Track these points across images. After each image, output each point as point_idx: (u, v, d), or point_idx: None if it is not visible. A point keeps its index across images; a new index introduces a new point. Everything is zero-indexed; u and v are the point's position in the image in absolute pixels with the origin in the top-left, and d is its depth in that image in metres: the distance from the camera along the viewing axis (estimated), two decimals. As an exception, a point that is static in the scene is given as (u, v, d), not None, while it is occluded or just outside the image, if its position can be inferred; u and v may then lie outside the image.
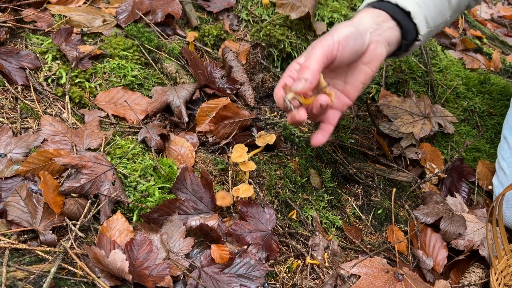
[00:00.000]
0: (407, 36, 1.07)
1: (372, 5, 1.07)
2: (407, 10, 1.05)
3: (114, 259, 0.84)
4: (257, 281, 0.96)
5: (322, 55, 0.91)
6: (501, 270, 1.20)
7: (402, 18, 1.05)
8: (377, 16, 1.04)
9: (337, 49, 0.93)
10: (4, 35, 1.25)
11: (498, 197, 1.09)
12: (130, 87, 1.28)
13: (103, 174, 0.99)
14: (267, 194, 1.17)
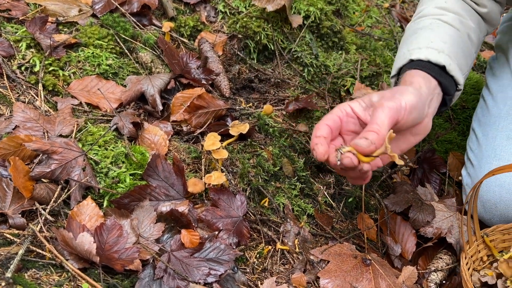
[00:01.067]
0: (449, 91, 1.07)
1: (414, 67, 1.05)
2: (442, 64, 1.05)
3: (82, 241, 0.85)
4: (226, 265, 0.98)
5: (390, 121, 0.87)
6: (471, 255, 1.23)
7: (440, 75, 1.05)
8: (429, 83, 1.03)
9: (403, 116, 0.90)
10: (-23, 22, 1.25)
11: (476, 185, 1.12)
12: (104, 76, 1.28)
13: (74, 160, 1.00)
14: (239, 182, 1.19)
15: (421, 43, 1.11)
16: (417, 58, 1.07)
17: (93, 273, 0.86)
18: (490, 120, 1.38)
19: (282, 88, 1.53)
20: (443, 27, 1.15)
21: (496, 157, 1.29)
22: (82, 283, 0.83)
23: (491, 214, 1.29)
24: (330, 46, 1.68)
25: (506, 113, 1.34)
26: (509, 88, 1.38)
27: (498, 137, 1.32)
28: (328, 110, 1.54)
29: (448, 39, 1.12)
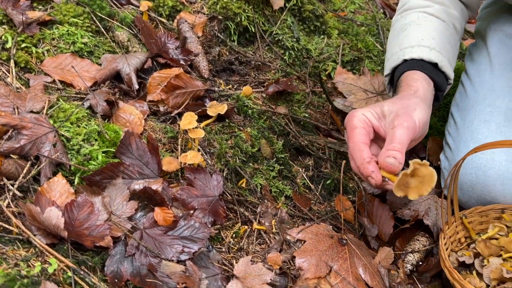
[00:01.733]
0: (442, 87, 1.14)
1: (410, 67, 1.11)
2: (434, 62, 1.10)
3: (49, 216, 0.83)
4: (201, 243, 0.97)
5: (408, 140, 0.97)
6: (450, 235, 1.24)
7: (433, 73, 1.11)
8: (428, 85, 1.09)
9: (416, 134, 1.00)
10: None
11: (458, 163, 1.11)
12: (79, 54, 1.25)
13: (44, 135, 0.97)
14: (216, 162, 1.18)
15: (412, 41, 1.14)
16: (411, 57, 1.11)
17: (61, 248, 0.84)
18: (468, 104, 1.38)
19: (262, 71, 1.51)
20: (430, 21, 1.18)
21: (473, 139, 1.30)
22: (50, 258, 0.81)
23: (468, 196, 1.30)
24: (312, 30, 1.67)
25: (483, 97, 1.35)
26: (487, 72, 1.39)
27: (475, 120, 1.32)
28: (308, 94, 1.53)
29: (436, 34, 1.15)
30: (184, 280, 0.90)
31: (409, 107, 1.00)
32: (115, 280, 0.86)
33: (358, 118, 1.01)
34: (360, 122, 1.00)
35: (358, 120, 1.01)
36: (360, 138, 0.99)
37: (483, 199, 1.27)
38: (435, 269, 1.26)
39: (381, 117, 1.02)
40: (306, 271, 1.05)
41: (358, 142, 0.98)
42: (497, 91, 1.34)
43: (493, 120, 1.29)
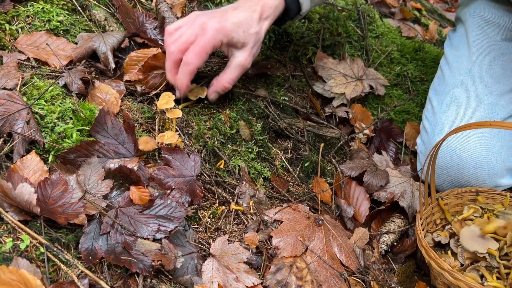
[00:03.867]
0: (289, 13, 1.23)
1: None
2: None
3: (21, 192, 0.82)
4: (177, 221, 0.96)
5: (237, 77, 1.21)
6: (426, 217, 1.26)
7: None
8: (280, 6, 1.20)
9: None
10: None
11: (438, 144, 1.12)
12: (54, 32, 1.23)
13: (17, 112, 0.96)
14: (194, 143, 1.17)
15: None
16: None
17: (34, 225, 0.83)
18: (445, 89, 1.40)
19: (242, 53, 1.50)
20: None
21: (449, 124, 1.32)
22: (22, 235, 0.80)
23: (442, 179, 1.32)
24: (292, 14, 1.66)
25: (460, 82, 1.37)
26: (465, 58, 1.41)
27: (452, 105, 1.34)
28: (288, 78, 1.53)
29: None
30: (159, 257, 0.89)
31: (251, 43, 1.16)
32: (89, 258, 0.85)
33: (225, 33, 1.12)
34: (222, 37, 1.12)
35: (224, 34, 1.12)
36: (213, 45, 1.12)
37: (456, 182, 1.30)
38: (410, 249, 1.29)
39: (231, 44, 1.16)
40: (282, 250, 1.06)
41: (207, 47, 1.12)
42: (473, 77, 1.36)
43: (469, 105, 1.32)
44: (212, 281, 0.95)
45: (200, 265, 0.97)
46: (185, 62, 1.12)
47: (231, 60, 1.19)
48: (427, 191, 1.22)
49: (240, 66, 1.18)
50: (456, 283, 1.02)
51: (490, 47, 1.38)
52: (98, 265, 0.86)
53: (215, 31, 1.11)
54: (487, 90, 1.32)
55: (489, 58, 1.36)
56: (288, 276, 1.02)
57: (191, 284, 0.93)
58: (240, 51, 1.17)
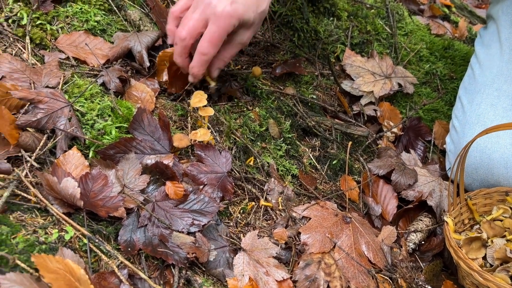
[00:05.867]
0: None
1: None
2: None
3: (66, 186, 0.87)
4: (209, 216, 1.00)
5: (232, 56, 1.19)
6: (454, 217, 1.26)
7: None
8: None
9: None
10: (-37, -27, 1.23)
11: (468, 144, 1.12)
12: (92, 32, 1.27)
13: (60, 110, 1.01)
14: (225, 141, 1.21)
15: None
16: None
17: (77, 217, 0.88)
18: (476, 87, 1.39)
19: (271, 52, 1.53)
20: None
21: (480, 123, 1.31)
22: (66, 227, 0.85)
23: (471, 178, 1.32)
24: (321, 12, 1.68)
25: (491, 80, 1.36)
26: (496, 56, 1.40)
27: (483, 104, 1.34)
28: (317, 76, 1.55)
29: None
30: (194, 250, 0.93)
31: (256, 24, 1.14)
32: (128, 249, 0.90)
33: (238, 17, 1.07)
34: (235, 22, 1.07)
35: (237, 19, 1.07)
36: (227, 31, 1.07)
37: (486, 181, 1.29)
38: (437, 248, 1.29)
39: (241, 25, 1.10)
40: (310, 246, 1.09)
41: (222, 35, 1.07)
42: (505, 75, 1.35)
43: (500, 104, 1.31)
44: (243, 274, 0.98)
45: (232, 258, 1.00)
46: (202, 52, 1.08)
47: (234, 37, 1.13)
48: (455, 191, 1.22)
49: (242, 44, 1.15)
50: (485, 283, 1.03)
51: (523, 46, 1.36)
52: (136, 256, 0.90)
53: (228, 16, 1.04)
54: (519, 89, 1.31)
55: (522, 57, 1.35)
56: (316, 272, 1.04)
57: (223, 277, 0.97)
58: (246, 30, 1.12)
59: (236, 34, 1.13)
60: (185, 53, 1.13)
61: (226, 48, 1.15)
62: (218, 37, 1.07)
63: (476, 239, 1.15)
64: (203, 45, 1.08)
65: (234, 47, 1.16)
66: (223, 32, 1.07)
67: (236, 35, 1.13)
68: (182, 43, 1.11)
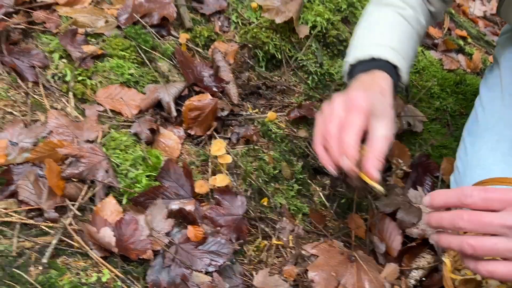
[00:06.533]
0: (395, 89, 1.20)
1: (378, 66, 1.17)
2: (396, 66, 1.20)
3: (103, 235, 1.03)
4: (225, 257, 1.14)
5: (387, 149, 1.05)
6: (454, 255, 1.36)
7: (394, 77, 1.19)
8: (389, 87, 1.14)
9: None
10: (17, 35, 1.42)
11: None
12: (126, 84, 1.44)
13: (99, 163, 1.17)
14: (242, 183, 1.35)
15: (384, 40, 1.24)
16: (378, 56, 1.19)
17: (112, 260, 1.04)
18: (478, 130, 1.48)
19: (287, 94, 1.66)
20: (403, 25, 1.30)
21: (480, 166, 1.40)
22: (103, 269, 1.01)
23: (472, 218, 1.40)
24: (335, 54, 1.79)
25: (492, 125, 1.44)
26: (498, 101, 1.47)
27: (483, 147, 1.42)
28: (329, 116, 1.66)
29: (405, 40, 1.27)
30: (210, 289, 1.07)
31: (389, 115, 1.08)
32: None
33: (370, 103, 1.02)
34: (367, 105, 1.02)
35: (370, 104, 1.02)
36: (367, 113, 1.01)
37: (485, 222, 1.37)
38: (438, 284, 1.38)
39: (372, 113, 1.05)
40: (317, 284, 1.21)
41: (366, 113, 1.01)
42: (505, 120, 1.42)
43: (500, 149, 1.39)
44: (255, 310, 1.11)
45: (245, 295, 1.14)
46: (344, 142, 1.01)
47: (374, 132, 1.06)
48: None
49: (386, 138, 1.07)
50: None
51: (524, 92, 1.44)
52: (161, 293, 1.05)
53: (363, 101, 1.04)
54: (518, 134, 1.38)
55: (522, 103, 1.42)
56: (321, 308, 1.16)
57: (237, 312, 1.11)
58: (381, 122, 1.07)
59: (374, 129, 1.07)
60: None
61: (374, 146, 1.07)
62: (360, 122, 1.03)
63: (471, 281, 1.24)
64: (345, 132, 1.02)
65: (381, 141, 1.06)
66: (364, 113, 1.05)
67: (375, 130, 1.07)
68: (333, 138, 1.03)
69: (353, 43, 1.32)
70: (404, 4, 1.34)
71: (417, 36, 1.36)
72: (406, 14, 1.32)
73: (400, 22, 1.31)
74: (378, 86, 1.15)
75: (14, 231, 1.01)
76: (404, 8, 1.33)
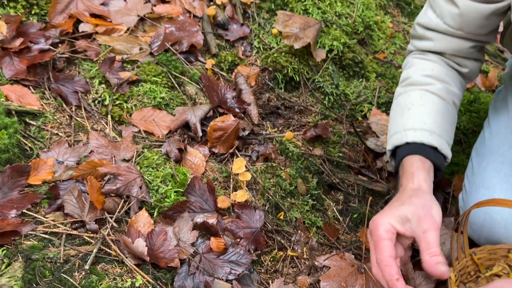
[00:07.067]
0: (440, 168, 1.27)
1: (412, 151, 1.24)
2: (434, 146, 1.24)
3: (137, 245, 1.17)
4: (244, 266, 1.27)
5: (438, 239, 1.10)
6: (459, 269, 1.44)
7: (433, 156, 1.23)
8: (429, 172, 1.21)
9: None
10: (62, 63, 1.60)
11: (465, 213, 1.31)
12: (158, 107, 1.60)
13: (133, 180, 1.33)
14: (260, 199, 1.48)
15: (415, 124, 1.27)
16: (413, 141, 1.25)
17: (144, 268, 1.19)
18: (484, 151, 1.56)
19: (304, 114, 1.78)
20: (433, 101, 1.31)
21: (484, 186, 1.48)
22: (137, 275, 1.16)
23: (478, 235, 1.49)
24: (351, 75, 1.91)
25: (497, 146, 1.52)
26: (504, 123, 1.55)
27: (488, 168, 1.50)
28: (344, 135, 1.78)
29: (439, 117, 1.29)
30: (230, 295, 1.21)
31: (427, 206, 1.12)
32: (181, 292, 1.19)
33: (384, 227, 1.08)
34: (386, 233, 1.07)
35: (384, 230, 1.08)
36: (388, 252, 1.05)
37: (490, 239, 1.45)
38: (444, 296, 1.47)
39: (404, 222, 1.10)
40: (327, 293, 1.32)
41: (386, 257, 1.05)
42: (509, 142, 1.50)
43: (503, 170, 1.46)
44: (269, 315, 1.24)
45: (261, 301, 1.26)
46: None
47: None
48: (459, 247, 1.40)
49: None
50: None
51: (528, 114, 1.51)
52: (186, 297, 1.19)
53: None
54: (521, 157, 1.45)
55: (526, 125, 1.49)
56: (330, 314, 1.28)
57: (253, 316, 1.24)
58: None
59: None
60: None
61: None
62: None
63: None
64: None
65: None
66: None
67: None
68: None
69: (389, 127, 1.37)
70: (431, 79, 1.34)
71: (453, 107, 1.36)
72: (434, 90, 1.33)
73: (430, 100, 1.32)
74: (410, 190, 1.17)
75: (61, 241, 1.18)
76: (432, 84, 1.33)
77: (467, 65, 1.40)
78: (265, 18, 1.91)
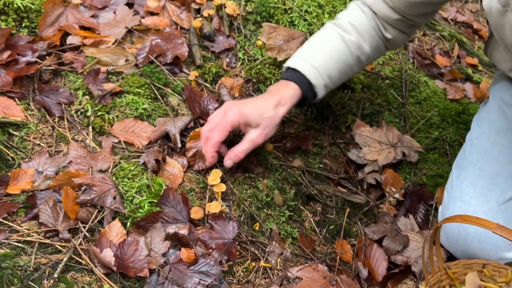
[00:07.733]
0: (307, 100, 1.50)
1: (291, 77, 1.48)
2: (312, 83, 1.46)
3: (105, 255, 1.20)
4: (213, 277, 1.29)
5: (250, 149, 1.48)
6: (433, 283, 1.44)
7: (306, 87, 1.47)
8: (296, 96, 1.46)
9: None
10: (48, 75, 1.65)
11: (435, 226, 1.32)
12: (140, 118, 1.63)
13: (108, 190, 1.36)
14: (236, 209, 1.49)
15: (309, 56, 1.48)
16: (296, 69, 1.46)
17: (113, 277, 1.21)
18: (463, 164, 1.55)
19: (287, 125, 1.80)
20: (339, 48, 1.49)
21: (461, 198, 1.48)
22: (105, 284, 1.18)
23: (454, 248, 1.48)
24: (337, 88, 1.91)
25: (476, 159, 1.51)
26: (484, 136, 1.55)
27: (466, 181, 1.50)
28: (326, 146, 1.79)
29: (333, 62, 1.48)
30: (196, 305, 1.22)
31: (264, 124, 1.43)
32: (148, 302, 1.21)
33: (241, 115, 1.41)
34: (239, 118, 1.41)
35: (240, 116, 1.41)
36: (231, 124, 1.41)
37: (465, 252, 1.45)
38: (418, 309, 1.47)
39: (246, 123, 1.43)
40: (297, 304, 1.33)
41: (226, 126, 1.41)
42: (488, 155, 1.50)
43: (480, 183, 1.46)
44: (237, 325, 1.25)
45: (229, 311, 1.28)
46: (209, 137, 1.42)
47: (246, 136, 1.45)
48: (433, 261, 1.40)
49: (251, 141, 1.43)
50: None
51: (508, 128, 1.50)
52: (154, 307, 1.22)
53: (233, 114, 1.41)
54: (499, 170, 1.45)
55: (506, 139, 1.49)
56: (298, 326, 1.28)
57: (221, 326, 1.25)
58: (254, 129, 1.43)
59: (247, 133, 1.46)
60: (204, 143, 1.47)
61: (239, 144, 1.47)
62: (223, 126, 1.42)
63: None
64: (211, 132, 1.43)
65: (246, 143, 1.45)
66: (228, 123, 1.42)
67: (247, 134, 1.46)
68: (202, 136, 1.47)
69: (300, 48, 1.56)
70: (351, 28, 1.50)
71: (354, 61, 1.52)
72: (347, 38, 1.49)
73: (337, 45, 1.49)
74: (278, 96, 1.44)
75: (33, 249, 1.21)
76: (349, 33, 1.50)
77: (392, 33, 1.53)
78: (251, 30, 1.94)
